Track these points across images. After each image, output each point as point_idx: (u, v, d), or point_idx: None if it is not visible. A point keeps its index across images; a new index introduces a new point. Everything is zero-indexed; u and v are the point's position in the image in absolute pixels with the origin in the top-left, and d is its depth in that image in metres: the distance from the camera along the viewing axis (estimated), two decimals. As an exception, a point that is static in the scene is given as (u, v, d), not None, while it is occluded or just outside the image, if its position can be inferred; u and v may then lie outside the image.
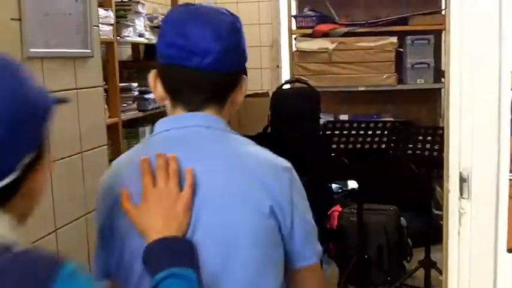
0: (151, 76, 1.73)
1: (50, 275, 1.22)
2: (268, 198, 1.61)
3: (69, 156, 3.03)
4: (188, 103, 1.70)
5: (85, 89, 3.16)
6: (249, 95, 6.19)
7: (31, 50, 2.65)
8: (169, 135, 1.69)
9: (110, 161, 3.75)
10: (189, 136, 1.67)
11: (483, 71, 2.06)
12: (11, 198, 1.30)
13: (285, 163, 1.69)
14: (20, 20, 2.61)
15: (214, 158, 1.64)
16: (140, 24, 4.57)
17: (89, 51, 3.13)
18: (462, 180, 2.12)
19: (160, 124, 1.74)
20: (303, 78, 5.41)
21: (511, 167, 2.07)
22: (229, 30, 1.68)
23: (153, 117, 4.95)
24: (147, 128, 4.67)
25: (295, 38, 5.83)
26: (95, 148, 3.27)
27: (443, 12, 5.68)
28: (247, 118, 5.51)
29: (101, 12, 3.78)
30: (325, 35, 5.62)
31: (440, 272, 4.63)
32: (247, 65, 1.75)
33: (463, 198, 2.12)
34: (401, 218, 4.93)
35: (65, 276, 1.23)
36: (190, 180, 1.58)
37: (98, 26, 3.28)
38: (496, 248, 2.10)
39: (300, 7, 6.06)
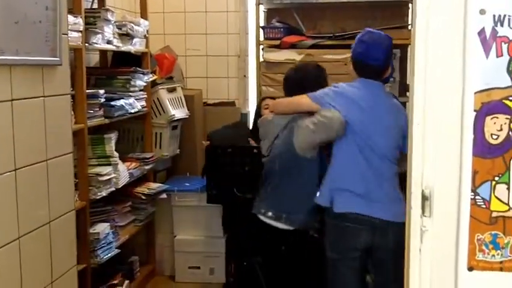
0: None
1: None
2: None
3: (34, 164, 3.02)
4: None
5: (52, 97, 3.15)
6: (215, 104, 6.21)
7: (0, 57, 2.64)
8: None
9: (75, 166, 3.75)
10: None
11: (447, 91, 2.09)
12: None
13: None
14: (-11, 27, 2.61)
15: None
16: (109, 31, 4.56)
17: (58, 59, 3.13)
18: (424, 198, 2.15)
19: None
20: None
21: (472, 186, 2.10)
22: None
23: (119, 124, 4.94)
24: (113, 135, 4.65)
25: (262, 49, 5.84)
26: (60, 156, 3.27)
27: (409, 27, 5.75)
28: (214, 126, 5.52)
29: (70, 19, 3.78)
30: (292, 46, 5.64)
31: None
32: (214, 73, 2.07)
33: (425, 216, 2.16)
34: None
35: None
36: None
37: (67, 34, 3.27)
38: (456, 266, 2.14)
39: (268, 18, 6.08)
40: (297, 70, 4.32)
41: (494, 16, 2.02)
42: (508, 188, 2.07)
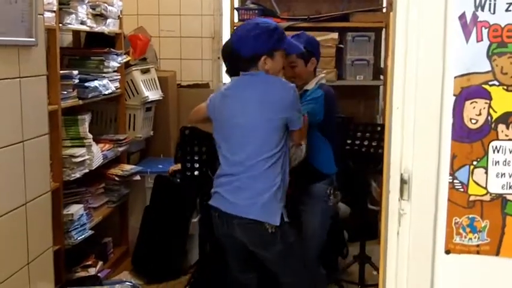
0: None
1: None
2: None
3: (10, 145, 3.00)
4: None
5: (28, 78, 3.13)
6: (189, 86, 6.19)
7: (-25, 37, 2.61)
8: None
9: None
10: None
11: (427, 75, 2.10)
12: None
13: None
14: (-35, 7, 2.57)
15: None
16: (82, 11, 4.52)
17: (34, 39, 3.10)
18: (403, 181, 2.16)
19: None
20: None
21: (450, 170, 2.12)
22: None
23: (92, 105, 4.92)
24: (87, 116, 4.63)
25: (236, 30, 5.84)
26: (37, 137, 3.24)
27: (384, 10, 5.77)
28: (188, 108, 5.49)
29: (44, -2, 3.74)
30: (266, 28, 5.64)
31: (375, 267, 4.73)
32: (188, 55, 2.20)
33: (403, 199, 2.17)
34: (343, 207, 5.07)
35: None
36: None
37: (42, 15, 3.24)
38: (434, 249, 2.16)
39: (242, 0, 6.09)
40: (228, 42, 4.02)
41: (475, 1, 2.03)
42: (486, 172, 2.09)
